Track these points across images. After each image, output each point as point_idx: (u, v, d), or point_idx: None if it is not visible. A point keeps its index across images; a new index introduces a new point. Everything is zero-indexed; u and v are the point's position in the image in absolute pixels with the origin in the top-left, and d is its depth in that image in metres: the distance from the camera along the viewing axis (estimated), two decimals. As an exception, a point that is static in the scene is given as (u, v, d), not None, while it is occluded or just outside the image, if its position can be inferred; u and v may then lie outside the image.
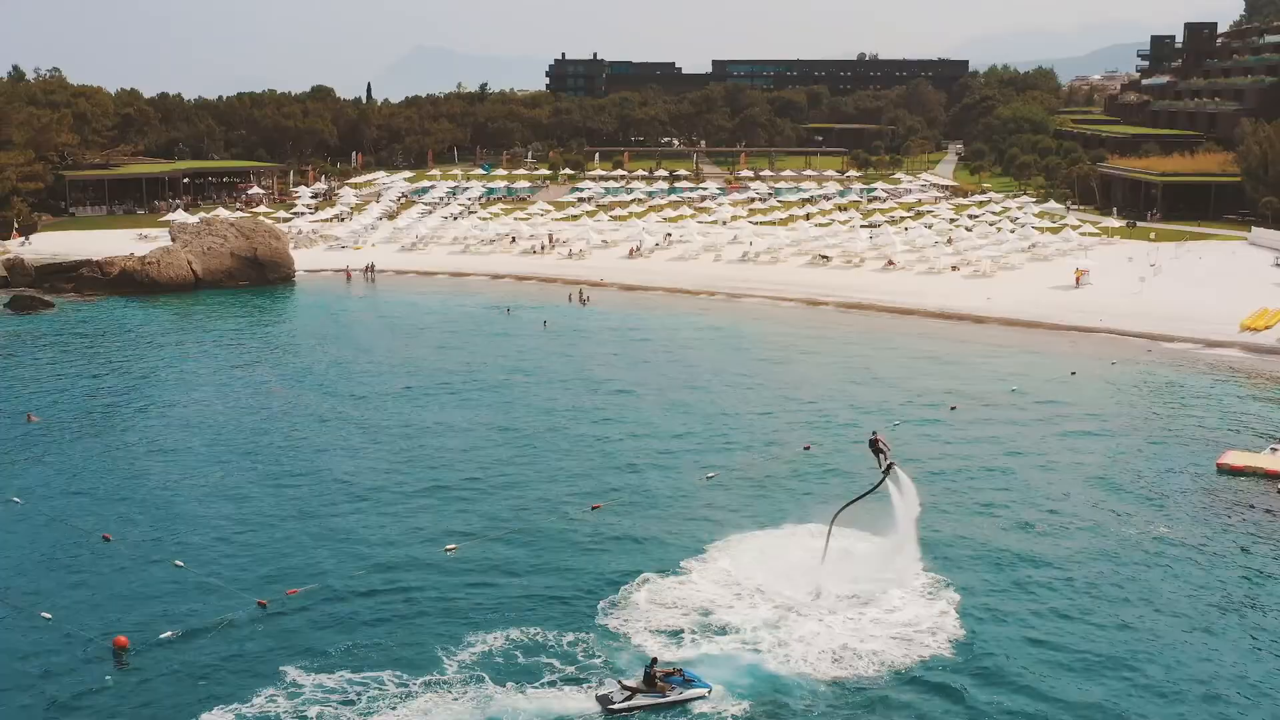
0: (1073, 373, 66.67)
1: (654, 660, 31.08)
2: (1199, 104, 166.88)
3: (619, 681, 30.48)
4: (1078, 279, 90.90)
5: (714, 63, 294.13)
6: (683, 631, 34.02)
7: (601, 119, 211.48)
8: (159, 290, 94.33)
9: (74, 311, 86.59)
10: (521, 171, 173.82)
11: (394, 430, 55.60)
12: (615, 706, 29.65)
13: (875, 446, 38.20)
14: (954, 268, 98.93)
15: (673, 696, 29.92)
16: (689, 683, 30.35)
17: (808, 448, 52.22)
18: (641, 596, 36.42)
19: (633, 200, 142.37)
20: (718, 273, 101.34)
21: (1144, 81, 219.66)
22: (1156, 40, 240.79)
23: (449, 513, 44.34)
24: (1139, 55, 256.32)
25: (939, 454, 51.62)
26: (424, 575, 38.38)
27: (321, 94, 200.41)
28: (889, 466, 37.62)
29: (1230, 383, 65.45)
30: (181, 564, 39.16)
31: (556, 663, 32.38)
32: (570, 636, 33.84)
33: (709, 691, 30.32)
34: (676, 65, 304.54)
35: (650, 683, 30.07)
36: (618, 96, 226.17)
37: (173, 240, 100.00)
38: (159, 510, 44.72)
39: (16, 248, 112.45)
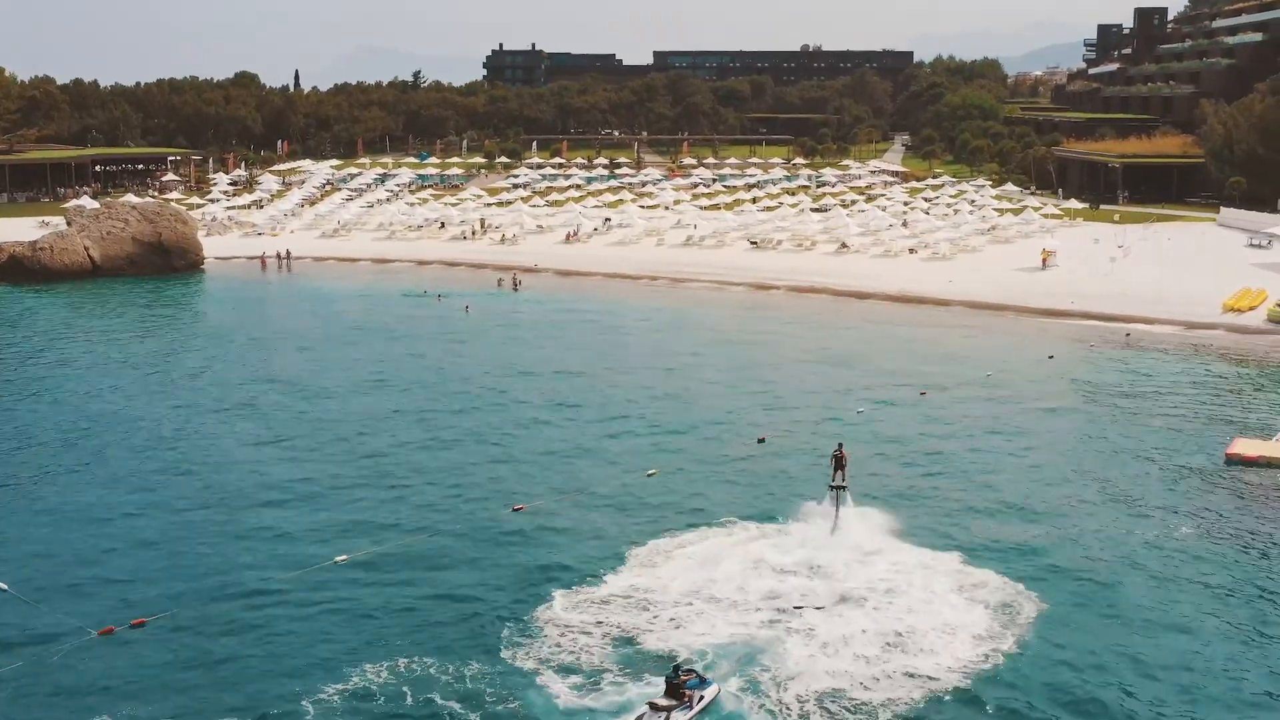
0: (1050, 356, 60.75)
1: (676, 667, 25.95)
2: (1153, 89, 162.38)
3: (650, 704, 25.18)
4: (1044, 260, 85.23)
5: (655, 54, 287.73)
6: (604, 672, 27.16)
7: (539, 108, 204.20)
8: (52, 278, 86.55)
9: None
10: (455, 160, 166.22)
11: (289, 427, 48.47)
12: None
13: (839, 462, 35.43)
14: (911, 250, 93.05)
15: (699, 706, 25.32)
16: (703, 682, 25.87)
17: (762, 440, 45.70)
18: (559, 618, 29.77)
19: (570, 186, 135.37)
20: (660, 257, 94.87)
21: (1091, 70, 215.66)
22: (1103, 29, 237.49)
23: (345, 518, 37.40)
24: (1085, 44, 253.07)
25: (912, 445, 45.43)
26: (306, 593, 31.60)
27: (245, 81, 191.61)
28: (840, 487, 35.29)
29: (1222, 366, 59.74)
30: (5, 586, 31.91)
31: (455, 705, 25.72)
32: (473, 669, 27.18)
33: (720, 689, 26.03)
34: (618, 57, 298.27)
35: (677, 694, 25.22)
36: (557, 85, 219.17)
37: (68, 225, 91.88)
38: (-7, 520, 37.47)
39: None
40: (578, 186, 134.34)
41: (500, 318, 74.00)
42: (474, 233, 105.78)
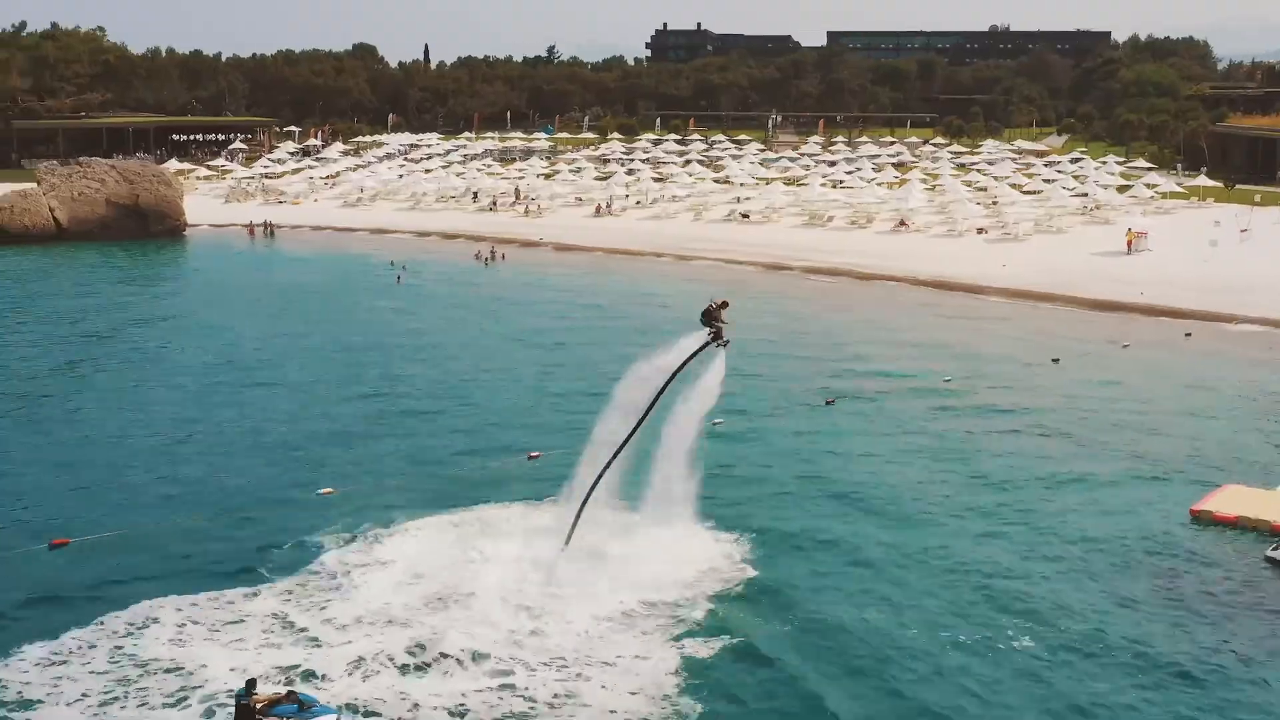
0: (1055, 359, 45.63)
1: (251, 682, 18.65)
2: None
3: None
4: (1129, 243, 69.02)
5: (829, 34, 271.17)
6: None
7: (676, 85, 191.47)
8: (10, 241, 78.61)
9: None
10: (562, 135, 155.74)
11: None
12: None
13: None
14: (980, 230, 77.49)
15: None
16: (307, 709, 18.49)
17: (534, 456, 32.70)
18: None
19: (649, 160, 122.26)
20: (685, 232, 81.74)
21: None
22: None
23: None
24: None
25: (802, 463, 33.15)
26: None
27: (362, 53, 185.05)
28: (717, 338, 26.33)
29: (1286, 379, 43.70)
30: None
31: None
32: None
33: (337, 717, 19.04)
34: (793, 38, 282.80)
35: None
36: (699, 62, 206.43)
37: (38, 184, 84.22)
38: None
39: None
40: (647, 160, 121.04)
41: (432, 289, 63.12)
42: (494, 204, 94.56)
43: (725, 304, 26.85)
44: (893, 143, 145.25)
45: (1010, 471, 32.53)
